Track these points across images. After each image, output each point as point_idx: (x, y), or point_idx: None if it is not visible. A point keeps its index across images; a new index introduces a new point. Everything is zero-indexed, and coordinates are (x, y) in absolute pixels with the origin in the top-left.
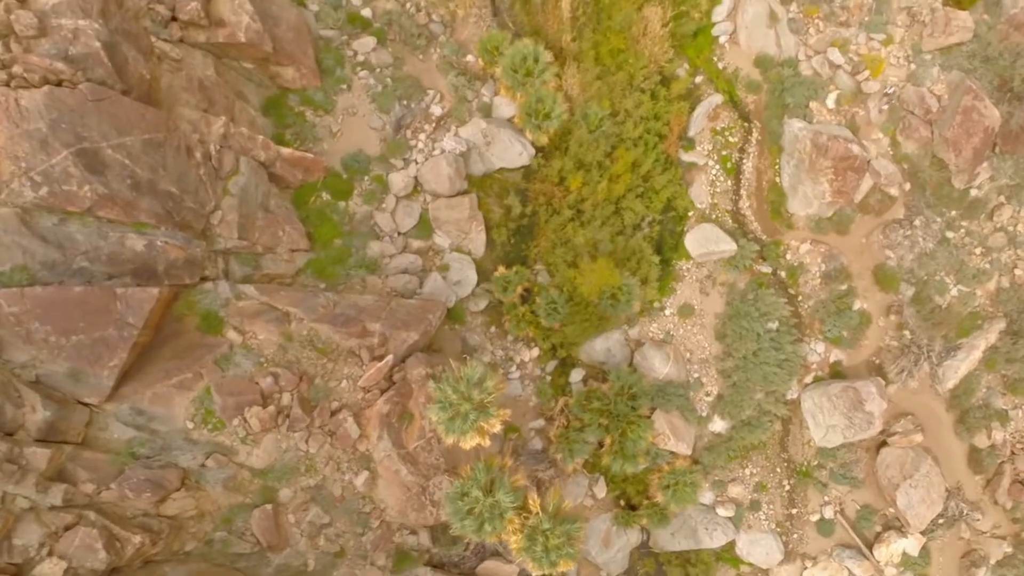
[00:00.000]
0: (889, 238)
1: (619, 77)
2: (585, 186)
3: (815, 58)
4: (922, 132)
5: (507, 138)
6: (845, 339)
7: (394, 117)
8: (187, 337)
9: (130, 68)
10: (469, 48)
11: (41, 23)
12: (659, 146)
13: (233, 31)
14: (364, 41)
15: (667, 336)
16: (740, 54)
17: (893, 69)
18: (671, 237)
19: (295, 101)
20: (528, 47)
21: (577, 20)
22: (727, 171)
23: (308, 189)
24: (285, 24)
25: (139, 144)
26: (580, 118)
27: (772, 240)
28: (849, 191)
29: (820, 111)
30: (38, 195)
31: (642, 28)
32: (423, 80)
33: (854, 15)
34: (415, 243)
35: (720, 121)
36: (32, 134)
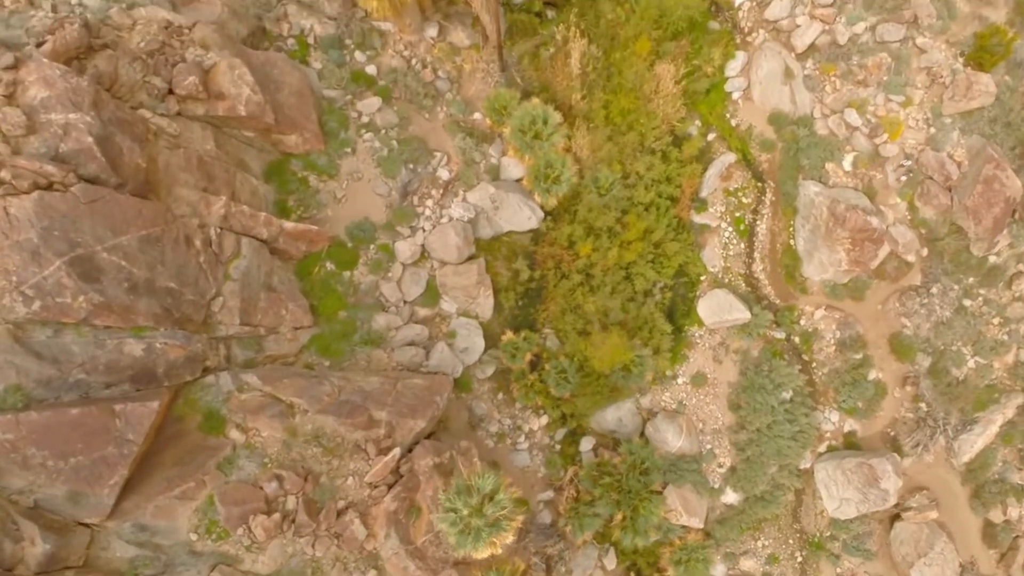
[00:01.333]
0: (905, 306)
1: (630, 138)
2: (595, 252)
3: (831, 117)
4: (941, 199)
5: (516, 202)
6: (860, 410)
7: (400, 182)
8: (189, 439)
9: (125, 159)
10: (476, 105)
11: (30, 119)
12: (671, 210)
13: (233, 104)
14: (369, 102)
15: (679, 406)
16: (754, 111)
17: (912, 132)
18: (683, 303)
19: (298, 166)
20: (537, 109)
21: (587, 76)
22: (740, 233)
23: (312, 259)
24: (287, 89)
25: (136, 242)
26: (590, 182)
27: (786, 305)
28: (866, 261)
29: (836, 172)
30: (31, 310)
31: (654, 86)
32: (429, 141)
33: (872, 74)
34: (421, 311)
35: (733, 181)
36: (23, 245)
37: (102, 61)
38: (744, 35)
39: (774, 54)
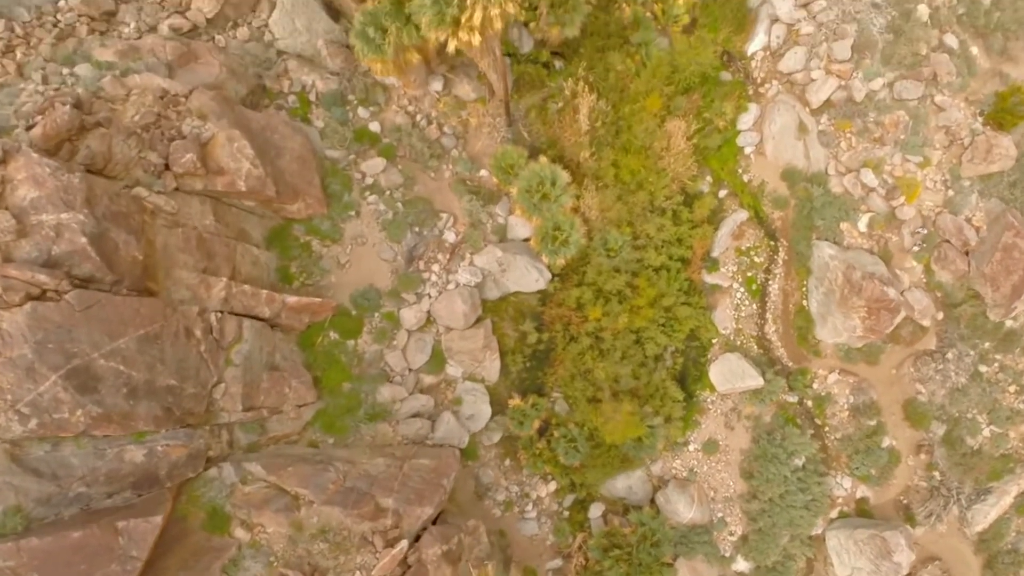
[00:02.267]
0: (920, 371)
1: (639, 197)
2: (605, 316)
3: (847, 176)
4: (958, 264)
5: (523, 265)
6: (873, 477)
7: (406, 247)
8: (193, 540)
9: (121, 254)
10: (482, 162)
11: (20, 223)
12: (682, 273)
13: (233, 180)
14: (373, 162)
15: (691, 473)
16: (766, 166)
17: (929, 193)
18: (695, 368)
19: (300, 231)
20: (545, 170)
21: (595, 132)
22: (752, 293)
23: (315, 329)
24: (288, 155)
25: (134, 343)
26: (599, 244)
27: (799, 368)
28: (882, 329)
29: (851, 233)
30: (27, 428)
31: (664, 143)
32: (435, 201)
33: (889, 132)
34: (427, 379)
35: (745, 240)
36: (17, 362)
37: (95, 141)
38: (757, 86)
39: (788, 108)
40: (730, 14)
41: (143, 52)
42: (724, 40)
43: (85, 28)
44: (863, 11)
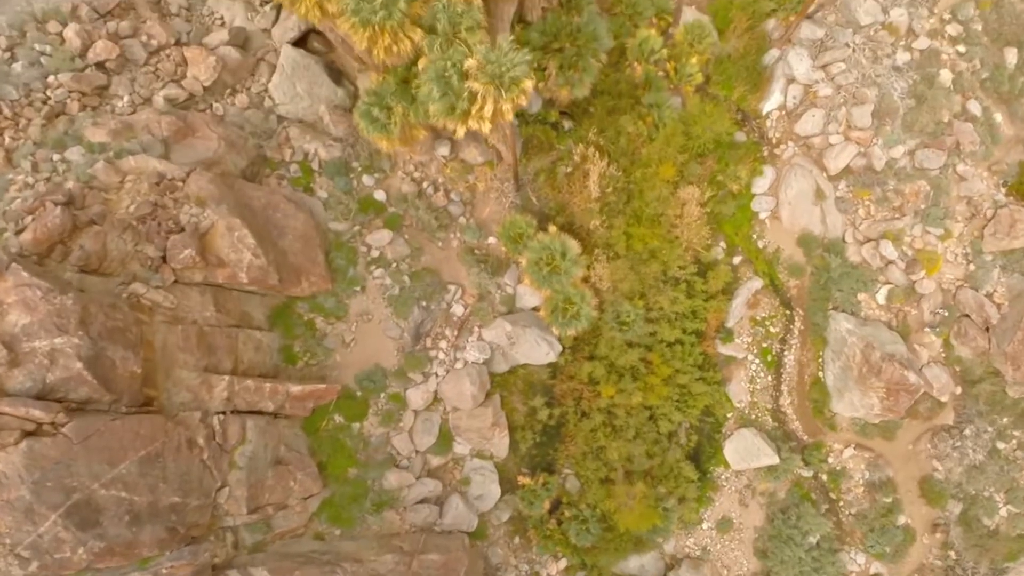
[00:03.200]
0: (937, 448)
1: (652, 268)
2: (619, 393)
3: (865, 245)
4: (979, 341)
5: (533, 338)
6: (887, 554)
7: (412, 323)
8: None
9: (118, 371)
10: (491, 228)
11: (11, 351)
12: (697, 347)
13: (234, 272)
14: (379, 235)
15: (704, 552)
16: (782, 231)
17: (950, 266)
18: (709, 444)
19: (304, 308)
20: (555, 242)
21: (606, 197)
22: (767, 365)
23: (320, 413)
24: (291, 234)
25: (135, 466)
26: (611, 318)
27: (814, 441)
28: (900, 408)
29: (869, 304)
30: (28, 572)
31: (678, 211)
32: (443, 272)
33: (909, 201)
34: (434, 460)
35: (760, 309)
36: (15, 504)
37: (89, 240)
38: (772, 147)
39: (805, 173)
40: (744, 72)
41: (137, 129)
42: (738, 98)
43: (76, 105)
44: (884, 74)
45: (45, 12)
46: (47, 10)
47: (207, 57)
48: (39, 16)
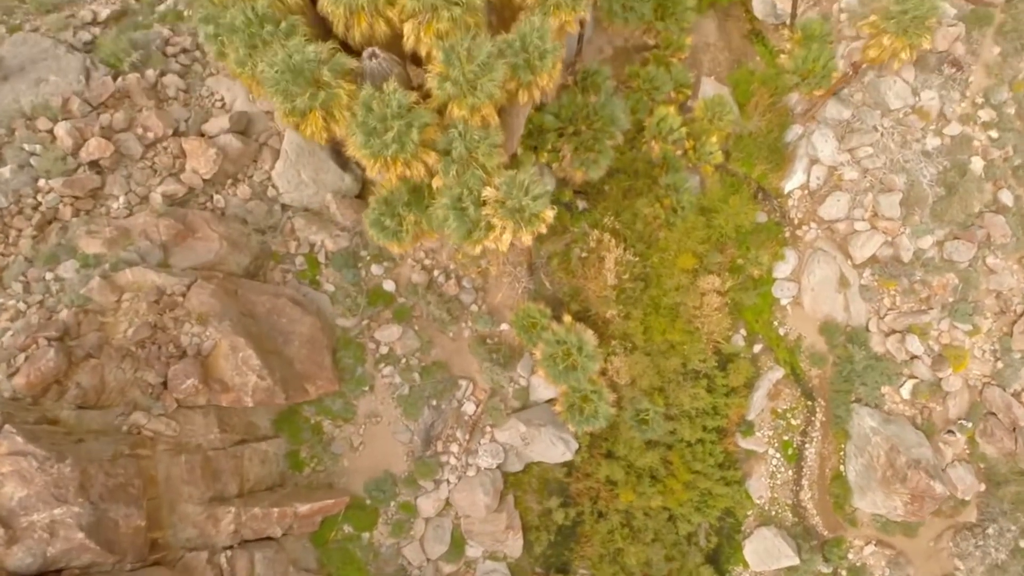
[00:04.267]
0: (959, 546)
1: (672, 362)
2: (638, 497)
3: (890, 337)
4: (1005, 442)
5: (548, 437)
6: None
7: (423, 425)
8: None
9: (121, 530)
10: (503, 315)
11: (8, 527)
12: (718, 446)
13: (239, 396)
14: (388, 331)
15: None
16: (804, 318)
17: (978, 363)
18: (729, 544)
19: (311, 411)
20: (571, 336)
21: (622, 283)
22: (788, 458)
23: (329, 524)
24: (298, 340)
25: None
26: (630, 416)
27: (834, 536)
28: (923, 513)
29: (892, 397)
30: None
31: (697, 303)
32: (453, 365)
33: (937, 294)
34: (446, 568)
35: (781, 400)
36: None
37: (85, 375)
38: (794, 227)
39: (828, 259)
40: (765, 149)
41: (134, 235)
42: (759, 176)
43: (69, 210)
44: (912, 160)
45: (35, 107)
46: (37, 105)
47: (207, 150)
48: (28, 112)
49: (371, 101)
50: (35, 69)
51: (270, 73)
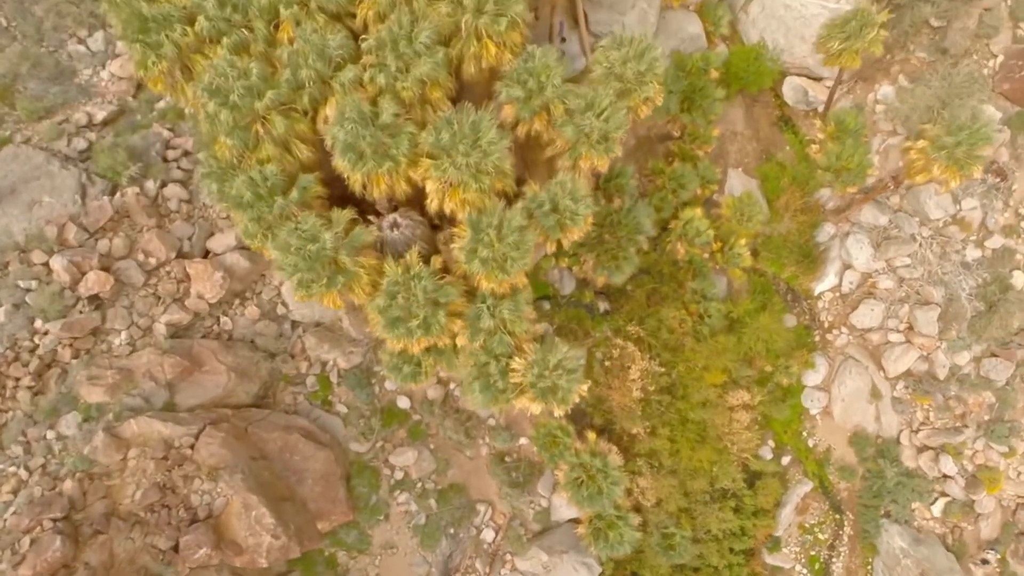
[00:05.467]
0: None
1: (699, 483)
2: None
3: (923, 454)
4: None
5: (571, 564)
6: None
7: (440, 556)
8: None
9: None
10: (522, 428)
11: None
12: (745, 568)
13: (252, 558)
14: (403, 455)
15: None
16: (833, 428)
17: (1012, 484)
18: None
19: (325, 544)
20: (595, 459)
21: (648, 396)
22: (814, 574)
23: None
24: (311, 478)
25: None
26: (657, 541)
27: None
28: None
29: (923, 513)
30: None
31: (726, 420)
32: (471, 487)
33: (972, 411)
34: None
35: (809, 515)
36: None
37: (94, 553)
38: (824, 331)
39: (860, 370)
40: (796, 251)
41: (138, 376)
42: (788, 277)
43: (68, 351)
44: (951, 272)
45: (29, 237)
46: (31, 235)
47: (212, 273)
48: (22, 243)
49: (396, 292)
50: (28, 190)
51: (283, 261)
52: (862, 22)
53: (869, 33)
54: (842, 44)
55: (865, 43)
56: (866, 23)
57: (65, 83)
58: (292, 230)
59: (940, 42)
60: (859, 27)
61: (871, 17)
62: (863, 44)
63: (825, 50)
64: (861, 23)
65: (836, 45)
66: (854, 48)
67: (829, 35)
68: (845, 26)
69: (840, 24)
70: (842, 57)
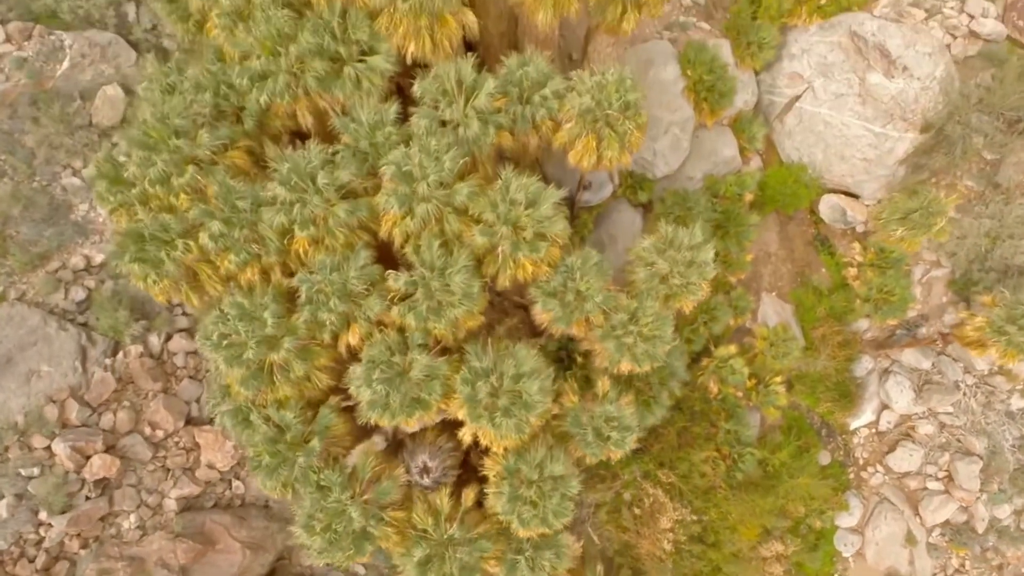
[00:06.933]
0: None
1: None
2: None
3: None
4: None
5: None
6: None
7: None
8: None
9: None
10: None
11: None
12: None
13: None
14: None
15: None
16: (865, 570)
17: None
18: None
19: None
20: None
21: (678, 543)
22: None
23: None
24: None
25: None
26: None
27: None
28: None
29: None
30: None
31: (759, 572)
32: None
33: (1010, 564)
34: None
35: None
36: None
37: None
38: (859, 468)
39: (896, 514)
40: (833, 388)
41: (150, 564)
42: (824, 412)
43: (76, 542)
44: (995, 422)
45: (28, 419)
46: (30, 415)
47: (224, 443)
48: (22, 426)
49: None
50: (24, 358)
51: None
52: (929, 210)
53: (937, 223)
54: (905, 232)
55: (932, 233)
56: (934, 211)
57: (60, 222)
58: (316, 500)
59: (992, 175)
60: (925, 216)
61: (940, 205)
62: (930, 234)
63: (884, 234)
64: (928, 211)
65: (899, 232)
66: (918, 238)
67: (888, 218)
68: (909, 214)
69: (902, 207)
70: (903, 242)
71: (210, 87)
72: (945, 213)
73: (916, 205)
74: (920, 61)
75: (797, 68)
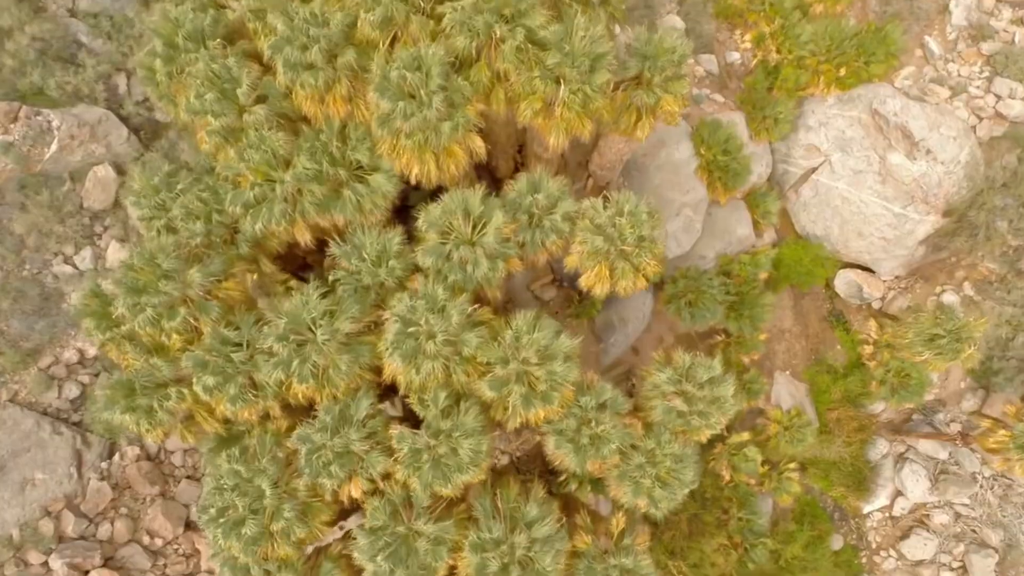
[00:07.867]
0: None
1: None
2: None
3: None
4: None
5: None
6: None
7: None
8: None
9: None
10: None
11: None
12: None
13: None
14: None
15: None
16: None
17: None
18: None
19: None
20: None
21: None
22: None
23: None
24: None
25: None
26: None
27: None
28: None
29: None
30: None
31: None
32: None
33: None
34: None
35: None
36: None
37: None
38: (872, 552)
39: None
40: (847, 474)
41: None
42: (837, 496)
43: None
44: (1012, 515)
45: (23, 535)
46: (25, 530)
47: None
48: (16, 541)
49: None
50: (18, 466)
51: None
52: (956, 337)
53: (965, 350)
54: (932, 356)
55: (959, 360)
56: (962, 338)
57: (51, 313)
58: None
59: (1015, 260)
60: (953, 342)
61: (968, 332)
62: (957, 360)
63: (909, 352)
64: (955, 338)
65: (924, 355)
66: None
67: (914, 339)
68: (935, 339)
69: (928, 331)
70: (928, 364)
71: (202, 216)
72: (975, 339)
73: (943, 331)
74: (945, 144)
75: (814, 140)
